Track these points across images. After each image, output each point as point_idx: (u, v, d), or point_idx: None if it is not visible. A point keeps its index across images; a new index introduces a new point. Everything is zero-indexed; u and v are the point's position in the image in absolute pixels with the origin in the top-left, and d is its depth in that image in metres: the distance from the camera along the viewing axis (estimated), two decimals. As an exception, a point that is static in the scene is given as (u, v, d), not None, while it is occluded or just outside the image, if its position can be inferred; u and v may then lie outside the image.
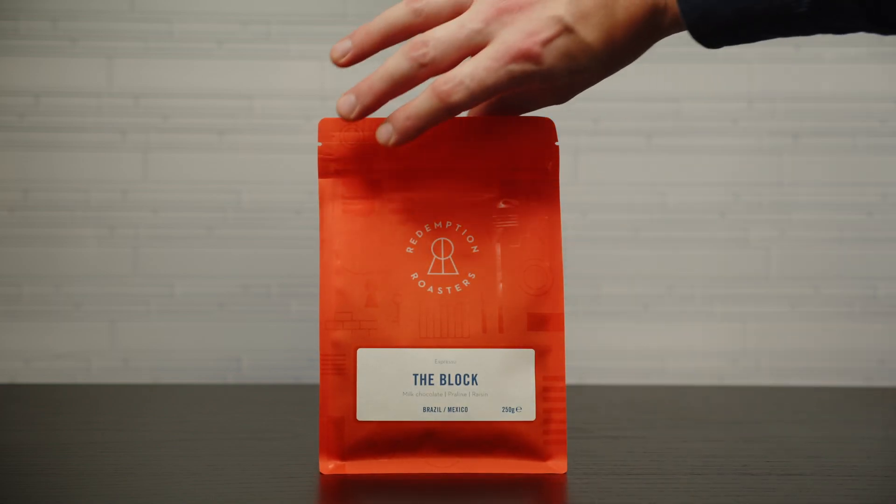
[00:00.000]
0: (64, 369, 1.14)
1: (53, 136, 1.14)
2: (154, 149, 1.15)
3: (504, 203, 0.70)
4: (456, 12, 0.65)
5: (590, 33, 0.63)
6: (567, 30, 0.63)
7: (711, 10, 0.63)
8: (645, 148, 1.17)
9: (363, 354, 0.68)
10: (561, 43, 0.63)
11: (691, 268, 1.17)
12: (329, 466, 0.69)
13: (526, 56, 0.62)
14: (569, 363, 1.18)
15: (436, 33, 0.64)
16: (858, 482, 0.69)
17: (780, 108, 1.17)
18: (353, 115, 0.66)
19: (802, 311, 1.18)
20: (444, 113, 0.64)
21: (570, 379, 1.17)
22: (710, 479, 0.69)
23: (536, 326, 0.69)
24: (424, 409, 0.68)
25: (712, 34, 0.64)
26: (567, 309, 1.17)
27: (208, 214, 1.15)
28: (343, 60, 0.66)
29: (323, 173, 0.70)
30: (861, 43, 1.16)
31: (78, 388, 1.09)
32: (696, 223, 1.17)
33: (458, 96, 0.63)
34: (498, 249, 0.70)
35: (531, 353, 0.69)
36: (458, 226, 0.70)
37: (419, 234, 0.70)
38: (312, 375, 1.15)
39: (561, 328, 0.69)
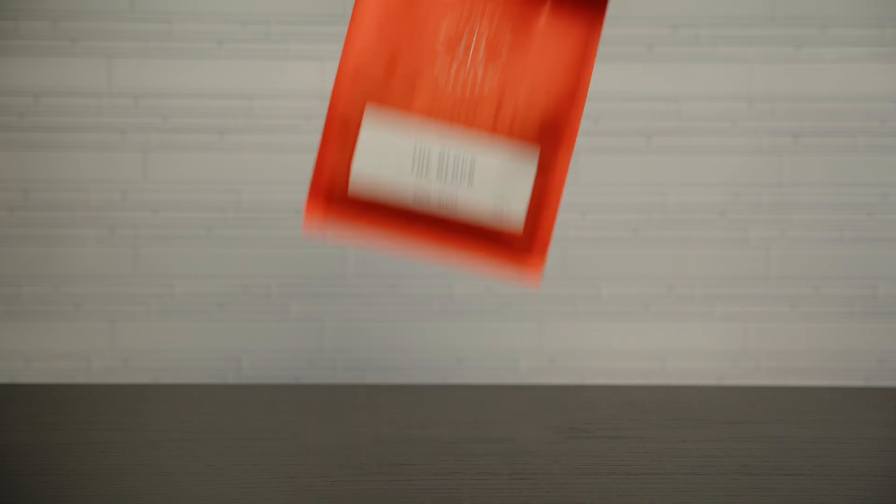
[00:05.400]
0: (64, 369, 1.14)
1: (53, 136, 1.14)
2: (154, 149, 1.15)
3: (551, 9, 0.70)
4: None
5: None
6: None
7: None
8: (645, 148, 1.17)
9: (371, 111, 0.66)
10: None
11: (691, 268, 1.17)
12: (316, 211, 0.66)
13: None
14: (569, 363, 1.18)
15: None
16: (858, 482, 0.69)
17: (780, 108, 1.17)
18: None
19: (802, 311, 1.18)
20: None
21: (570, 379, 1.17)
22: (710, 478, 0.69)
23: (547, 133, 0.68)
24: (415, 198, 0.67)
25: None
26: (567, 309, 1.17)
27: (208, 214, 1.15)
28: None
29: None
30: (861, 43, 1.16)
31: (78, 388, 1.09)
32: (696, 223, 1.17)
33: None
34: (530, 48, 0.70)
35: (535, 155, 0.67)
36: (498, 16, 0.70)
37: (453, 20, 0.69)
38: (312, 375, 1.16)
39: (570, 147, 0.67)
